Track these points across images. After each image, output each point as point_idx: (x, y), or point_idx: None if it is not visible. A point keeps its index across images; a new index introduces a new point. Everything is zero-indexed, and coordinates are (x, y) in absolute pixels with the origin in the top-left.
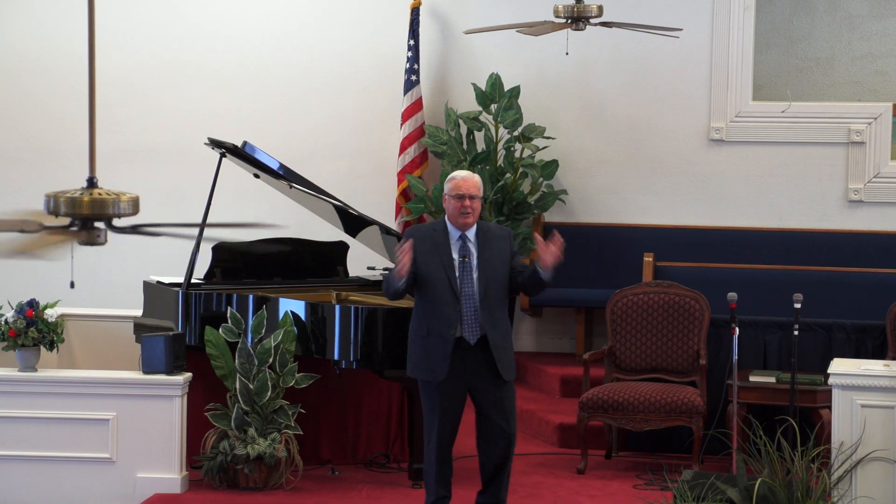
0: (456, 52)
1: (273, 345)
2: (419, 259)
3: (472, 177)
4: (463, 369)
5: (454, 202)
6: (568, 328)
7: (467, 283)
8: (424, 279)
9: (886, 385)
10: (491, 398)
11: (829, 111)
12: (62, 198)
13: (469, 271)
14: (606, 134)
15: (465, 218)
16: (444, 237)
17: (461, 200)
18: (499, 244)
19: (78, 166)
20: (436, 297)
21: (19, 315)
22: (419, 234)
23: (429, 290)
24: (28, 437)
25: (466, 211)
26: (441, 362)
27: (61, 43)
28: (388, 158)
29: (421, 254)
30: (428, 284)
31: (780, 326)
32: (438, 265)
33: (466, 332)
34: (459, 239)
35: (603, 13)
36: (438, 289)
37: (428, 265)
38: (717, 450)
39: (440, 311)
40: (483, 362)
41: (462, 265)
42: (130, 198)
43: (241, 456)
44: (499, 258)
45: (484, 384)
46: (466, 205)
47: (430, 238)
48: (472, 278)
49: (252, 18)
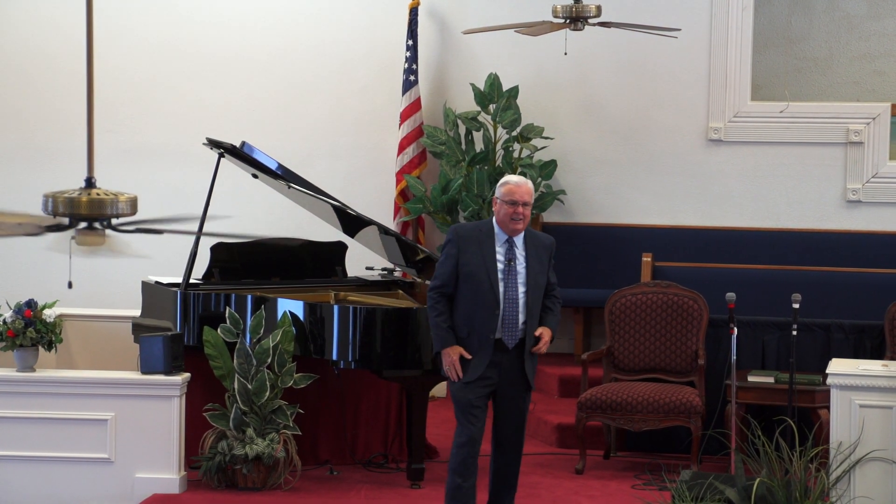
0: (454, 52)
1: (271, 345)
2: (462, 259)
3: (525, 183)
4: (496, 372)
5: (507, 207)
6: (566, 328)
7: (511, 287)
8: (466, 279)
9: (885, 385)
10: (514, 406)
11: (828, 111)
12: (60, 198)
13: (514, 275)
14: (605, 134)
15: (515, 224)
16: (489, 239)
17: (514, 206)
18: (543, 254)
19: (76, 166)
20: (476, 298)
21: (17, 315)
22: (464, 232)
23: (469, 290)
24: (26, 437)
25: (518, 217)
26: (480, 363)
27: (59, 43)
28: (386, 158)
29: (465, 254)
30: (469, 285)
31: (778, 326)
32: (481, 267)
33: (506, 336)
34: (506, 242)
35: (601, 13)
36: (479, 290)
37: (471, 266)
38: (716, 450)
39: (480, 312)
40: (514, 368)
41: (507, 269)
42: (129, 198)
43: (239, 456)
44: (541, 266)
45: (510, 391)
46: (519, 211)
47: (476, 238)
48: (517, 283)
49: (251, 18)
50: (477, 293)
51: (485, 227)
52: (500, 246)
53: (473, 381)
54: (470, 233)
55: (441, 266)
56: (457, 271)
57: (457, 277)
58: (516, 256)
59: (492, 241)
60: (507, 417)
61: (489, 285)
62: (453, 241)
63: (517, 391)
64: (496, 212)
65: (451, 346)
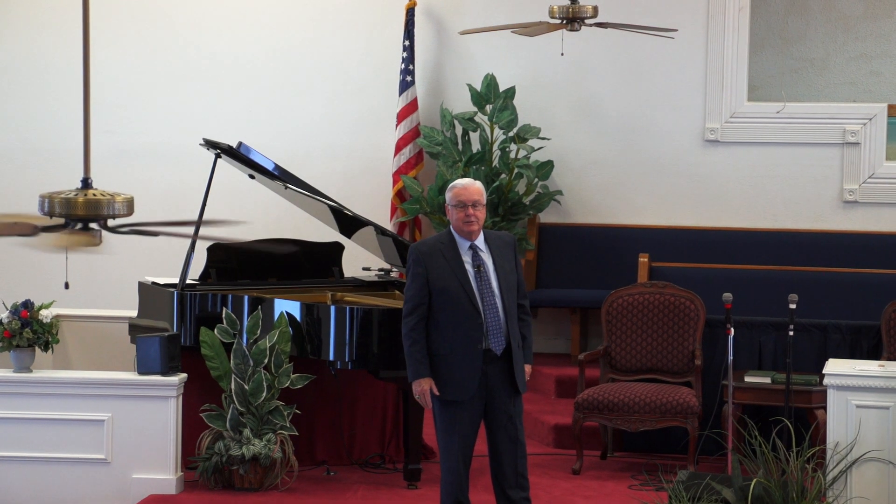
0: (451, 53)
1: (268, 345)
2: (431, 276)
3: (472, 183)
4: (485, 383)
5: (457, 212)
6: (563, 329)
7: (487, 293)
8: (440, 296)
9: (881, 385)
10: (505, 414)
11: (824, 112)
12: (57, 198)
13: (487, 280)
14: (602, 134)
15: (469, 226)
16: (453, 250)
17: (464, 209)
18: (508, 252)
19: (73, 167)
20: (456, 313)
21: (14, 316)
22: (426, 248)
23: (447, 306)
24: (23, 437)
25: (470, 219)
26: (471, 379)
27: (56, 44)
28: (383, 159)
29: (432, 270)
30: (445, 300)
31: (775, 327)
32: (453, 279)
33: (493, 343)
34: (470, 249)
35: (598, 14)
36: (457, 304)
37: (442, 280)
38: (713, 450)
39: (462, 326)
40: (502, 374)
41: (478, 275)
42: (125, 198)
43: (236, 457)
44: (509, 265)
45: (501, 398)
46: (470, 213)
47: (439, 252)
48: (492, 287)
49: (247, 19)
50: (455, 307)
51: (445, 239)
52: (465, 254)
53: (466, 401)
54: (432, 248)
55: (410, 289)
56: (428, 290)
57: (429, 296)
58: (483, 261)
59: (455, 251)
60: (500, 426)
61: (466, 297)
62: (418, 261)
63: (507, 398)
64: (450, 220)
65: (425, 377)
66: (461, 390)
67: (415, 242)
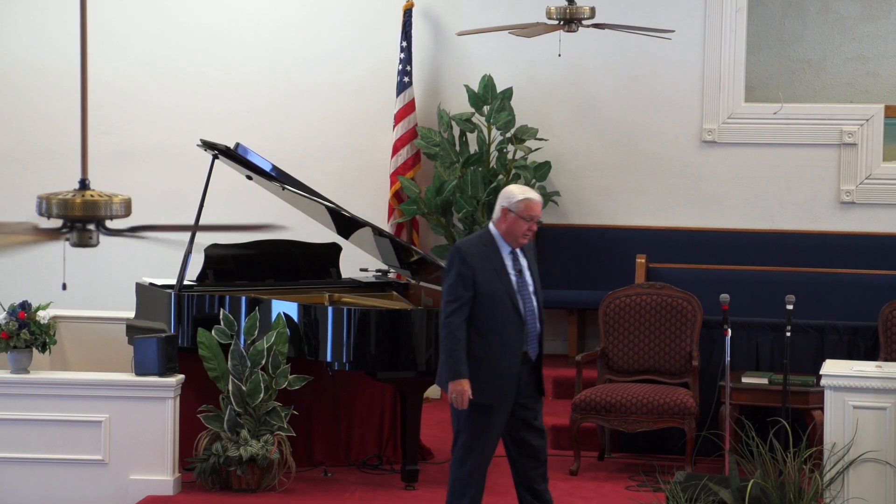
0: (448, 54)
1: (266, 346)
2: (479, 278)
3: (540, 198)
4: (518, 387)
5: (521, 223)
6: (560, 330)
7: (527, 299)
8: (486, 299)
9: (878, 386)
10: (533, 413)
11: (821, 113)
12: (54, 199)
13: (525, 286)
14: (599, 135)
15: (524, 239)
16: (496, 253)
17: (529, 223)
18: (532, 256)
19: (70, 168)
20: (500, 317)
21: (11, 317)
22: (472, 249)
23: (490, 309)
24: (20, 439)
25: (528, 234)
26: (510, 384)
27: (54, 44)
28: (380, 160)
29: (480, 272)
30: (490, 304)
31: (772, 328)
32: (498, 283)
33: (531, 348)
34: (511, 254)
35: (595, 15)
36: (502, 308)
37: (489, 284)
38: (710, 451)
39: (506, 330)
40: (530, 378)
41: (519, 280)
42: (123, 199)
43: (233, 458)
44: (537, 271)
45: (528, 401)
46: (532, 228)
47: (484, 254)
48: (529, 293)
49: (244, 20)
50: (500, 311)
51: (487, 241)
52: (507, 258)
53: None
54: (477, 249)
55: (456, 289)
56: (474, 292)
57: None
58: (522, 266)
59: (498, 254)
60: (528, 428)
61: (510, 302)
62: (465, 262)
63: (533, 401)
64: (507, 223)
65: (465, 377)
66: (500, 395)
67: (458, 241)
